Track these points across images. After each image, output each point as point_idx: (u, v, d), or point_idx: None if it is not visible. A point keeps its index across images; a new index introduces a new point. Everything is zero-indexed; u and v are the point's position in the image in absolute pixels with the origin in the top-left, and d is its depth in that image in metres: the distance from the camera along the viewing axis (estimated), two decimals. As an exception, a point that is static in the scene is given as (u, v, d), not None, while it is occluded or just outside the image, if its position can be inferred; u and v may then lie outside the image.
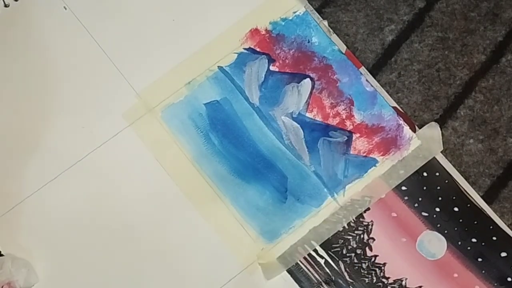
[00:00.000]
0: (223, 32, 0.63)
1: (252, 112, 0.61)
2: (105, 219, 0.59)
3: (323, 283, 0.58)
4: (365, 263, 0.59)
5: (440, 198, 0.60)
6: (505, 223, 0.59)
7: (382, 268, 0.59)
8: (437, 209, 0.60)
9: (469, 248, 0.59)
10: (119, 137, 0.61)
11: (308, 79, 0.62)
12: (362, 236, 0.59)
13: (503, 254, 0.59)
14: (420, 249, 0.59)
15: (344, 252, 0.59)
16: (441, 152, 0.61)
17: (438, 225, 0.59)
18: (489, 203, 0.60)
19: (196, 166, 0.60)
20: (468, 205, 0.60)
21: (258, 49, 0.62)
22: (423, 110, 0.62)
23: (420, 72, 0.63)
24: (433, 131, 0.61)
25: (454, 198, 0.60)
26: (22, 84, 0.62)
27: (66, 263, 0.58)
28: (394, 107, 0.61)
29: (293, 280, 0.58)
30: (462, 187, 0.60)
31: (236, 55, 0.62)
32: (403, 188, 0.60)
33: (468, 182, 0.60)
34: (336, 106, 0.61)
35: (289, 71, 0.62)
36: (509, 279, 0.58)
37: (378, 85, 0.62)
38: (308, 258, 0.59)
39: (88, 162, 0.60)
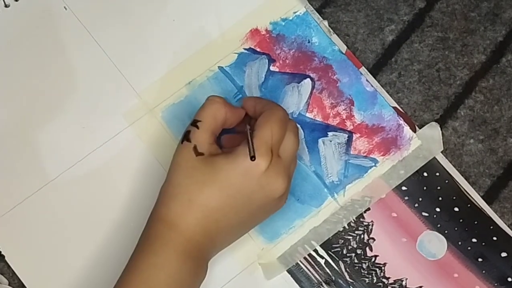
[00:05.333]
0: (223, 32, 0.63)
1: (252, 112, 0.61)
2: (105, 219, 0.59)
3: (323, 283, 0.58)
4: (365, 263, 0.59)
5: (440, 198, 0.60)
6: (505, 223, 0.60)
7: (382, 268, 0.59)
8: (438, 209, 0.60)
9: (469, 248, 0.59)
10: (119, 137, 0.61)
11: (308, 79, 0.62)
12: (362, 236, 0.59)
13: (504, 254, 0.59)
14: (421, 249, 0.59)
15: (344, 252, 0.59)
16: (441, 152, 0.61)
17: (439, 225, 0.59)
18: (489, 203, 0.60)
19: (196, 166, 0.60)
20: (468, 205, 0.60)
21: (258, 49, 0.62)
22: (423, 110, 0.62)
23: (420, 72, 0.63)
24: (433, 131, 0.61)
25: (454, 198, 0.60)
26: (22, 84, 0.62)
27: (66, 262, 0.58)
28: (394, 107, 0.61)
29: (293, 280, 0.58)
30: (462, 187, 0.60)
31: (236, 55, 0.62)
32: (403, 188, 0.60)
33: (468, 182, 0.60)
34: (336, 106, 0.61)
35: (289, 71, 0.62)
36: (509, 279, 0.58)
37: (378, 85, 0.62)
38: (308, 258, 0.59)
39: (88, 162, 0.60)
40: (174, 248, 0.50)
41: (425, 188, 0.60)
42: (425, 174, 0.60)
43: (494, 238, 0.59)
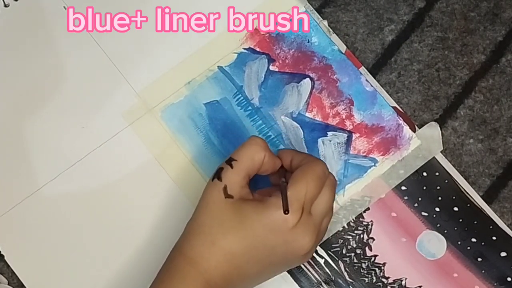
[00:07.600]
0: (223, 32, 0.63)
1: (252, 112, 0.61)
2: (105, 219, 0.59)
3: (322, 283, 0.58)
4: (364, 263, 0.59)
5: (440, 198, 0.60)
6: (505, 223, 0.60)
7: (382, 268, 0.59)
8: (437, 209, 0.60)
9: (469, 248, 0.59)
10: (119, 137, 0.61)
11: (308, 79, 0.62)
12: (361, 236, 0.59)
13: (503, 254, 0.59)
14: (420, 249, 0.59)
15: (344, 252, 0.59)
16: (441, 152, 0.61)
17: (438, 225, 0.59)
18: (489, 203, 0.60)
19: (196, 166, 0.60)
20: (468, 205, 0.60)
21: (258, 49, 0.62)
22: (423, 110, 0.62)
23: (420, 72, 0.63)
24: (433, 131, 0.61)
25: (454, 198, 0.60)
26: (22, 84, 0.62)
27: (65, 262, 0.58)
28: (394, 107, 0.61)
29: (292, 280, 0.58)
30: (462, 187, 0.60)
31: (236, 55, 0.62)
32: (403, 188, 0.60)
33: (468, 182, 0.60)
34: (336, 106, 0.61)
35: (289, 71, 0.62)
36: (509, 279, 0.58)
37: (378, 85, 0.62)
38: (308, 258, 0.59)
39: (88, 162, 0.60)
40: (193, 285, 0.49)
41: (424, 188, 0.60)
42: (425, 174, 0.60)
43: (494, 238, 0.59)
